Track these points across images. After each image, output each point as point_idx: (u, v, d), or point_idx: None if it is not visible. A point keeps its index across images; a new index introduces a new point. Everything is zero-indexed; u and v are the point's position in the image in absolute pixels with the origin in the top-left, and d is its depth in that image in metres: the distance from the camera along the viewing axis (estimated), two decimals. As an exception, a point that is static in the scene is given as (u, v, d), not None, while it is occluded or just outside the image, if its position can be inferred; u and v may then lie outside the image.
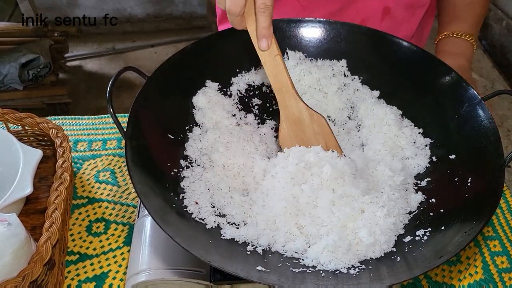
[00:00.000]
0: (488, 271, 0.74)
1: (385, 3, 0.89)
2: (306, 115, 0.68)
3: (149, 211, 0.55)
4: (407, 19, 0.92)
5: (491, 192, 0.59)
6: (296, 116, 0.68)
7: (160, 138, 0.69)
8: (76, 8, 2.67)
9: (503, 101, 2.35)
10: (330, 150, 0.67)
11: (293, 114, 0.68)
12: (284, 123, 0.69)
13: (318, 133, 0.69)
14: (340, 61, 0.79)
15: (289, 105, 0.68)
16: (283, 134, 0.70)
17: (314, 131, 0.69)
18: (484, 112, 0.66)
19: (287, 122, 0.69)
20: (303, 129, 0.69)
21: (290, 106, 0.68)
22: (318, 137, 0.69)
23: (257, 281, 0.52)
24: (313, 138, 0.69)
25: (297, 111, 0.68)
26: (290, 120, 0.69)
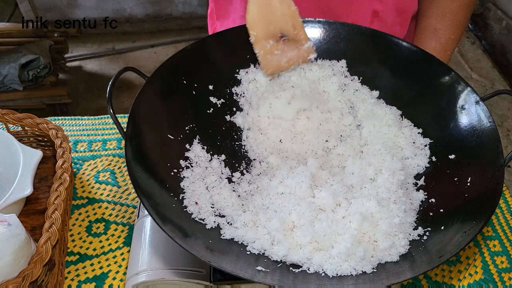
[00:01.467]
0: (487, 271, 0.74)
1: (374, 6, 0.89)
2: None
3: (149, 211, 0.55)
4: (398, 22, 0.92)
5: (491, 192, 0.59)
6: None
7: (160, 139, 0.69)
8: (76, 8, 2.67)
9: (502, 101, 2.35)
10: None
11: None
12: (251, 3, 0.70)
13: (286, 14, 0.71)
14: (340, 61, 0.79)
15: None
16: (251, 15, 0.71)
17: (282, 12, 0.70)
18: (484, 112, 0.66)
19: (255, 2, 0.70)
20: (271, 9, 0.70)
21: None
22: (286, 18, 0.71)
23: (257, 281, 0.52)
24: (281, 19, 0.70)
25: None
26: (258, 2, 0.70)
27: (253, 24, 0.71)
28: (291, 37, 0.73)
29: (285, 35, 0.73)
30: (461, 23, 0.87)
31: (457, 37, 0.87)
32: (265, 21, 0.71)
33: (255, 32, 0.72)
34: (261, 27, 0.71)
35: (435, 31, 0.86)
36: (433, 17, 0.87)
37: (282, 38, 0.72)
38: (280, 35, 0.72)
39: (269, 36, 0.72)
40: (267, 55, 0.73)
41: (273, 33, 0.72)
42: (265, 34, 0.72)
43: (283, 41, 0.73)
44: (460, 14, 0.86)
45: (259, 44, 0.73)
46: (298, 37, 0.73)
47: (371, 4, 0.89)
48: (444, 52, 0.86)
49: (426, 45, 0.86)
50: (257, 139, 0.75)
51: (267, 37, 0.72)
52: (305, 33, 0.73)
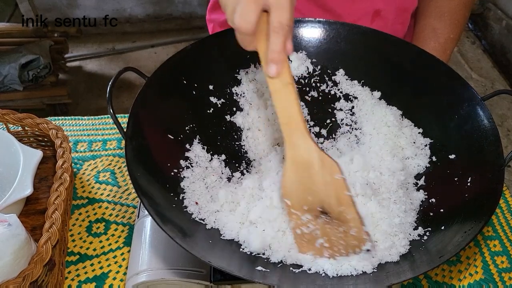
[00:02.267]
0: (488, 271, 0.74)
1: (376, 5, 0.89)
2: (316, 159, 0.56)
3: (149, 211, 0.55)
4: (400, 21, 0.92)
5: (491, 192, 0.59)
6: (304, 158, 0.56)
7: (160, 139, 0.69)
8: (76, 8, 2.67)
9: (503, 101, 2.35)
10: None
11: (301, 156, 0.56)
12: (289, 166, 0.57)
13: (329, 184, 0.56)
14: (338, 72, 0.79)
15: (297, 144, 0.56)
16: (287, 180, 0.57)
17: (325, 181, 0.56)
18: (484, 112, 0.66)
19: (293, 165, 0.57)
20: (311, 176, 0.56)
21: (298, 146, 0.56)
22: (329, 189, 0.56)
23: (257, 281, 0.52)
24: (322, 189, 0.56)
25: (306, 153, 0.56)
26: (297, 163, 0.57)
27: (288, 191, 0.58)
28: (335, 216, 0.57)
29: (327, 211, 0.57)
30: (460, 23, 0.86)
31: (456, 37, 0.87)
32: (303, 189, 0.57)
33: (289, 200, 0.58)
34: (297, 195, 0.57)
35: (434, 30, 0.86)
36: (432, 17, 0.87)
37: (322, 214, 0.57)
38: (320, 209, 0.57)
39: (307, 209, 0.57)
40: (299, 229, 0.58)
41: (312, 205, 0.57)
42: (300, 204, 0.57)
43: (324, 219, 0.57)
44: (459, 13, 0.86)
45: (293, 216, 0.58)
46: (342, 217, 0.57)
47: (373, 3, 0.89)
48: (443, 51, 0.86)
49: (425, 45, 0.86)
50: (256, 139, 0.75)
51: (303, 209, 0.57)
52: (355, 213, 0.56)
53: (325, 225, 0.57)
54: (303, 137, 0.56)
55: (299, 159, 0.56)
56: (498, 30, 2.63)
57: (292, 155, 0.57)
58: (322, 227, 0.57)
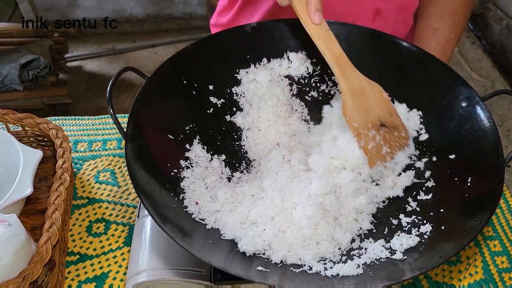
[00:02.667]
0: (488, 271, 0.74)
1: (376, 4, 0.89)
2: (366, 84, 0.68)
3: (149, 211, 0.55)
4: (401, 20, 0.92)
5: (491, 192, 0.59)
6: (357, 86, 0.67)
7: (160, 139, 0.69)
8: (76, 8, 2.67)
9: (503, 101, 2.35)
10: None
11: (354, 84, 0.67)
12: (348, 95, 0.67)
13: (380, 101, 0.69)
14: None
15: (349, 76, 0.67)
16: (350, 107, 0.67)
17: (377, 99, 0.68)
18: (484, 112, 0.66)
19: (350, 94, 0.67)
20: (366, 99, 0.68)
21: (350, 77, 0.67)
22: (381, 105, 0.69)
23: (257, 281, 0.52)
24: (377, 107, 0.68)
25: (358, 82, 0.68)
26: (353, 92, 0.67)
27: (353, 116, 0.67)
28: (389, 124, 0.70)
29: (384, 123, 0.69)
30: (460, 23, 0.86)
31: (456, 37, 0.87)
32: (363, 111, 0.68)
33: (356, 123, 0.68)
34: (361, 117, 0.68)
35: (435, 31, 0.86)
36: (433, 17, 0.87)
37: (381, 126, 0.69)
38: (380, 123, 0.69)
39: (371, 126, 0.68)
40: (369, 144, 0.68)
41: (373, 122, 0.69)
42: (366, 123, 0.68)
43: (383, 130, 0.69)
44: (459, 13, 0.86)
45: (362, 136, 0.68)
46: (395, 124, 0.70)
47: (373, 2, 0.89)
48: (444, 52, 0.86)
49: (426, 45, 0.86)
50: (256, 139, 0.75)
51: (368, 126, 0.68)
52: (400, 120, 0.71)
53: (385, 134, 0.69)
54: (352, 69, 0.68)
55: (353, 88, 0.67)
56: (498, 30, 2.63)
57: (347, 86, 0.67)
58: (383, 136, 0.69)
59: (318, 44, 0.66)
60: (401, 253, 0.59)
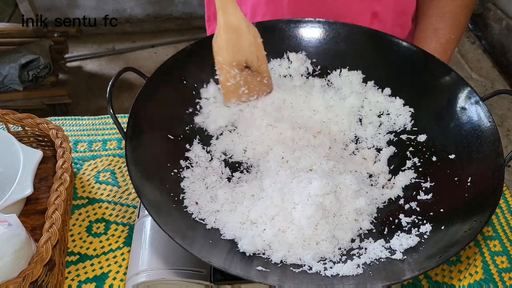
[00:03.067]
0: (488, 271, 0.74)
1: (373, 7, 0.89)
2: (244, 25, 0.70)
3: (149, 211, 0.55)
4: (399, 23, 0.92)
5: (491, 192, 0.59)
6: (234, 24, 0.69)
7: (160, 139, 0.69)
8: (76, 8, 2.67)
9: (502, 101, 2.35)
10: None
11: (231, 21, 0.69)
12: (222, 29, 0.69)
13: (252, 44, 0.71)
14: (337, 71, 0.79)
15: (230, 12, 0.69)
16: (220, 41, 0.70)
17: (249, 42, 0.71)
18: (484, 112, 0.66)
19: (224, 28, 0.69)
20: (239, 38, 0.70)
21: (230, 13, 0.69)
22: (252, 49, 0.71)
23: (257, 281, 0.52)
24: (247, 49, 0.71)
25: (236, 20, 0.69)
26: (228, 27, 0.69)
27: (220, 50, 0.71)
28: (254, 68, 0.73)
29: (249, 66, 0.72)
30: (461, 23, 0.87)
31: (457, 37, 0.87)
32: (232, 49, 0.71)
33: (221, 58, 0.71)
34: (228, 54, 0.71)
35: (435, 31, 0.86)
36: (433, 17, 0.87)
37: (246, 68, 0.72)
38: (245, 64, 0.72)
39: (235, 64, 0.72)
40: (229, 81, 0.72)
41: (239, 61, 0.72)
42: (230, 61, 0.71)
43: (246, 71, 0.72)
44: (460, 14, 0.86)
45: (223, 70, 0.72)
46: (260, 69, 0.73)
47: (370, 5, 0.89)
48: (444, 52, 0.86)
49: (426, 45, 0.86)
50: (256, 139, 0.75)
51: (232, 64, 0.71)
52: (267, 67, 0.74)
53: (247, 76, 0.72)
54: (234, 7, 0.69)
55: (229, 24, 0.69)
56: (498, 30, 2.63)
57: (224, 20, 0.69)
58: (245, 78, 0.72)
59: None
60: (401, 253, 0.59)
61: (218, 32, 0.70)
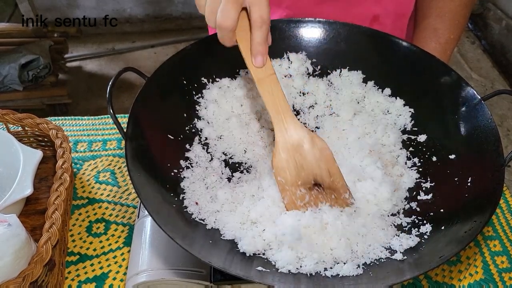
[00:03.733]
0: (488, 271, 0.74)
1: (373, 11, 0.89)
2: (307, 138, 0.62)
3: (149, 211, 0.55)
4: (398, 26, 0.92)
5: (491, 192, 0.59)
6: (295, 139, 0.62)
7: (160, 139, 0.69)
8: (76, 8, 2.67)
9: (502, 101, 2.35)
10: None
11: (291, 137, 0.62)
12: (281, 147, 0.62)
13: (320, 159, 0.63)
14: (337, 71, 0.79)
15: (288, 127, 0.62)
16: (278, 159, 0.62)
17: (315, 157, 0.62)
18: (484, 112, 0.66)
19: (284, 146, 0.62)
20: (303, 154, 0.62)
21: (288, 129, 0.62)
22: (320, 164, 0.63)
23: (257, 281, 0.52)
24: (314, 165, 0.62)
25: (296, 134, 0.62)
26: (288, 144, 0.62)
27: (281, 170, 0.62)
28: (326, 185, 0.63)
29: (319, 183, 0.63)
30: (460, 23, 0.87)
31: (456, 37, 0.87)
32: (295, 166, 0.62)
33: (283, 179, 0.62)
34: (290, 173, 0.62)
35: (435, 31, 0.86)
36: (433, 17, 0.87)
37: (315, 186, 0.63)
38: (314, 182, 0.63)
39: (301, 184, 0.62)
40: (296, 202, 0.63)
41: (305, 180, 0.63)
42: (294, 180, 0.62)
43: (317, 190, 0.63)
44: (459, 13, 0.86)
45: (288, 192, 0.63)
46: (334, 185, 0.63)
47: (370, 8, 0.89)
48: (443, 52, 0.86)
49: (426, 45, 0.86)
50: (256, 138, 0.75)
51: (297, 184, 0.62)
52: (344, 181, 0.63)
53: (318, 195, 0.63)
54: (292, 121, 0.62)
55: (290, 141, 0.63)
56: (498, 30, 2.63)
57: (283, 138, 0.62)
58: (315, 196, 0.63)
59: (258, 88, 0.61)
60: (401, 253, 0.59)
61: (276, 151, 0.62)
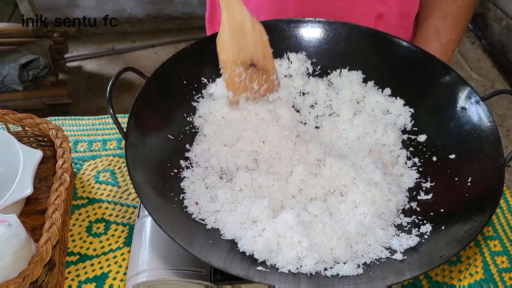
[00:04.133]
0: (488, 271, 0.74)
1: (378, 9, 0.89)
2: (249, 22, 0.69)
3: (149, 211, 0.55)
4: (403, 26, 0.92)
5: (491, 192, 0.59)
6: (239, 21, 0.68)
7: (160, 139, 0.69)
8: (76, 8, 2.67)
9: (502, 101, 2.35)
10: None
11: (236, 19, 0.68)
12: (226, 27, 0.68)
13: (258, 42, 0.70)
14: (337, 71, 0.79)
15: (234, 9, 0.68)
16: (224, 39, 0.69)
17: (255, 39, 0.70)
18: (484, 112, 0.66)
19: (229, 26, 0.68)
20: (244, 36, 0.69)
21: (234, 11, 0.68)
22: (257, 46, 0.70)
23: (257, 281, 0.52)
24: (252, 47, 0.70)
25: (241, 17, 0.68)
26: (232, 25, 0.68)
27: (225, 48, 0.69)
28: (260, 67, 0.71)
29: (255, 64, 0.71)
30: (462, 24, 0.87)
31: (458, 38, 0.87)
32: (237, 47, 0.69)
33: (225, 56, 0.70)
34: (233, 52, 0.69)
35: (437, 31, 0.86)
36: (435, 18, 0.87)
37: (251, 66, 0.71)
38: (250, 62, 0.70)
39: (240, 62, 0.70)
40: (234, 80, 0.71)
41: (244, 59, 0.70)
42: (235, 59, 0.70)
43: (252, 70, 0.71)
44: (461, 14, 0.86)
45: (228, 69, 0.70)
46: (266, 67, 0.72)
47: (375, 6, 0.89)
48: (445, 52, 0.86)
49: (427, 45, 0.86)
50: (256, 138, 0.75)
51: (237, 63, 0.70)
52: (273, 64, 0.72)
53: (253, 75, 0.71)
54: (239, 4, 0.68)
55: (234, 22, 0.68)
56: (498, 30, 2.63)
57: (228, 18, 0.68)
58: (250, 76, 0.71)
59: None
60: (401, 253, 0.59)
61: (222, 30, 0.69)
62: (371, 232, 0.61)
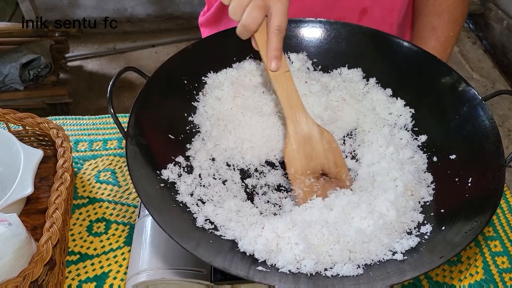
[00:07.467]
0: (488, 271, 0.74)
1: (363, 3, 0.89)
2: (316, 131, 0.67)
3: (150, 211, 0.55)
4: (388, 22, 0.92)
5: (492, 192, 0.59)
6: (305, 132, 0.67)
7: (160, 138, 0.69)
8: (77, 8, 2.67)
9: (503, 101, 2.35)
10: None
11: (302, 130, 0.67)
12: (293, 139, 0.67)
13: (327, 150, 0.68)
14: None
15: (299, 121, 0.67)
16: (290, 150, 0.67)
17: (324, 148, 0.67)
18: (485, 112, 0.66)
19: (295, 138, 0.67)
20: (312, 145, 0.67)
21: (300, 122, 0.67)
22: (328, 154, 0.68)
23: (257, 281, 0.52)
24: (322, 155, 0.67)
25: (307, 127, 0.67)
26: (299, 136, 0.67)
27: (293, 161, 0.67)
28: (333, 175, 0.68)
29: (326, 173, 0.68)
30: (458, 20, 0.87)
31: (455, 34, 0.87)
32: (305, 157, 0.67)
33: (294, 169, 0.67)
34: (301, 163, 0.67)
35: (434, 29, 0.86)
36: (431, 16, 0.87)
37: (322, 175, 0.68)
38: (321, 172, 0.68)
39: (310, 173, 0.67)
40: (305, 191, 0.67)
41: (314, 169, 0.67)
42: (304, 170, 0.67)
43: (324, 179, 0.68)
44: (457, 10, 0.86)
45: (297, 181, 0.67)
46: (340, 175, 0.69)
47: (359, 0, 0.88)
48: (444, 50, 0.86)
49: (425, 44, 0.86)
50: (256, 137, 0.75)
51: (306, 173, 0.67)
52: (347, 172, 0.69)
53: (325, 184, 0.68)
54: (303, 114, 0.67)
55: (300, 133, 0.67)
56: (499, 30, 2.63)
57: (295, 130, 0.67)
58: (322, 186, 0.68)
59: (273, 83, 0.66)
60: (401, 253, 0.58)
61: (288, 142, 0.67)
62: (374, 240, 0.61)
